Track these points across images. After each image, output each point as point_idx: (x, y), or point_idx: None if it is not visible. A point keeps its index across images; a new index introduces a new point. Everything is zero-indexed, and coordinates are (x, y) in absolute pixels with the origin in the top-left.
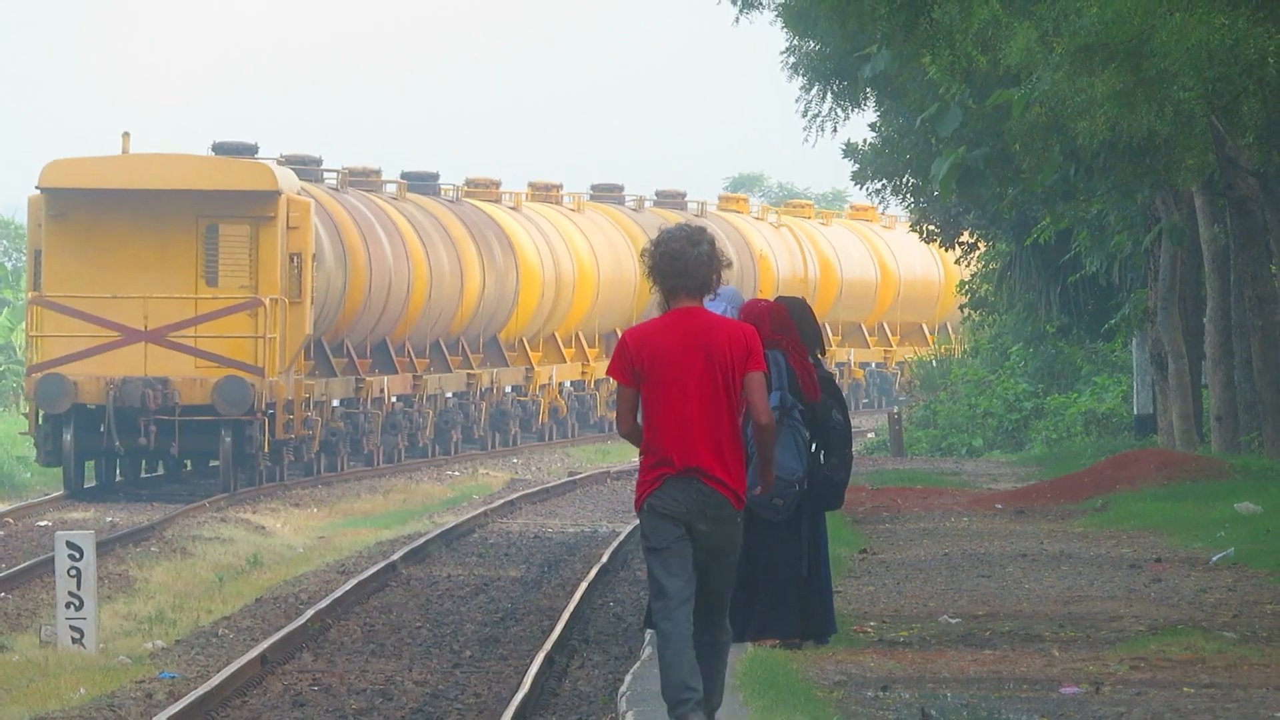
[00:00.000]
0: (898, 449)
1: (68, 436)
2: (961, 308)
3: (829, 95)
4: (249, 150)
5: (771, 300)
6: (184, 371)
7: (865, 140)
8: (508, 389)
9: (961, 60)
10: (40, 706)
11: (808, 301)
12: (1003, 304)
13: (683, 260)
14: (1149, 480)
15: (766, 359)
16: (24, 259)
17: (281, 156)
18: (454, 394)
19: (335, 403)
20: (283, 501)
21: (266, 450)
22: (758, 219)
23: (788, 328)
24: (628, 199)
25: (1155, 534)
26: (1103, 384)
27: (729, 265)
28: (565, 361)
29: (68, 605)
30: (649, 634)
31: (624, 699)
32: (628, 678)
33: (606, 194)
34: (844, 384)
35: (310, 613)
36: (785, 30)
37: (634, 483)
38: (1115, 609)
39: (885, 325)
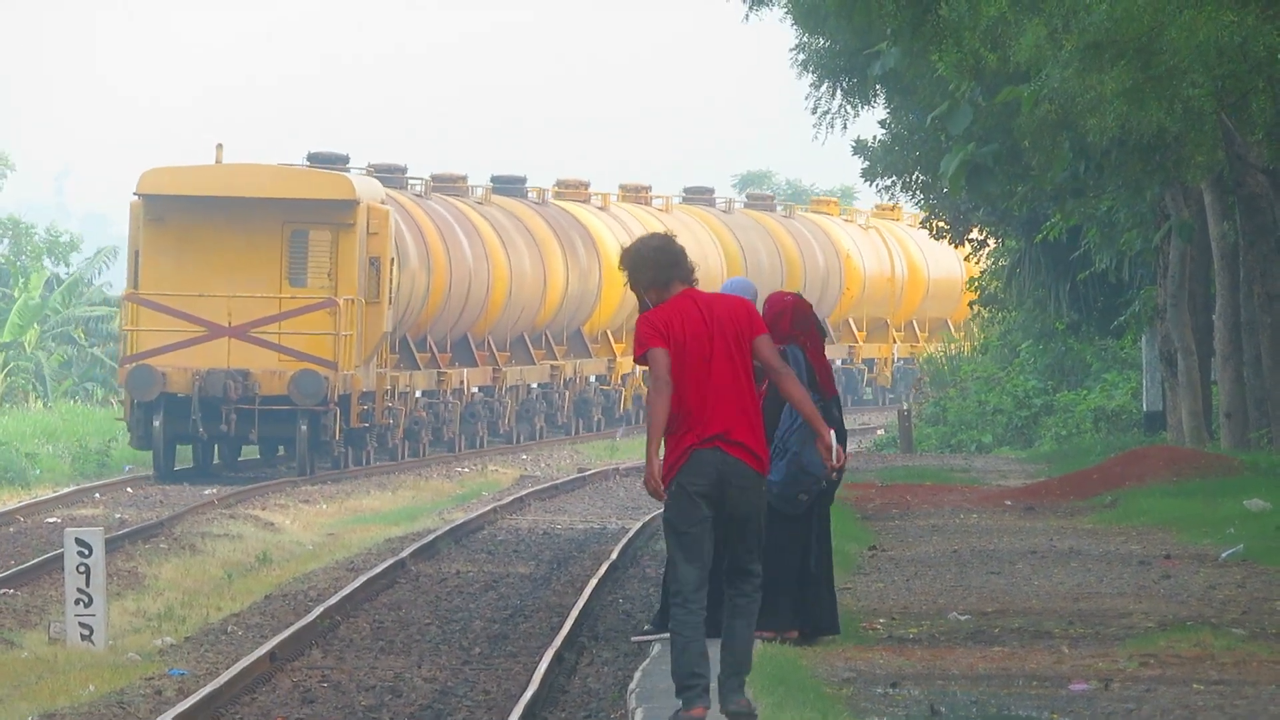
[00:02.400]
0: (907, 446)
1: (156, 423)
2: (971, 304)
3: (838, 92)
4: (340, 160)
5: (795, 295)
6: (264, 365)
7: (875, 137)
8: (591, 379)
9: (970, 57)
10: (49, 703)
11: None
12: (1012, 300)
13: (669, 252)
14: (1158, 477)
15: (785, 355)
16: (26, 260)
17: (370, 166)
18: (538, 384)
19: (418, 393)
20: (292, 498)
21: (339, 438)
22: (846, 220)
23: (808, 323)
24: (718, 201)
25: (1164, 530)
26: (1112, 381)
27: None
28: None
29: (77, 602)
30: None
31: (633, 696)
32: (637, 675)
33: (697, 196)
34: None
35: (319, 609)
36: (795, 27)
37: (641, 480)
38: (1125, 605)
39: (949, 323)
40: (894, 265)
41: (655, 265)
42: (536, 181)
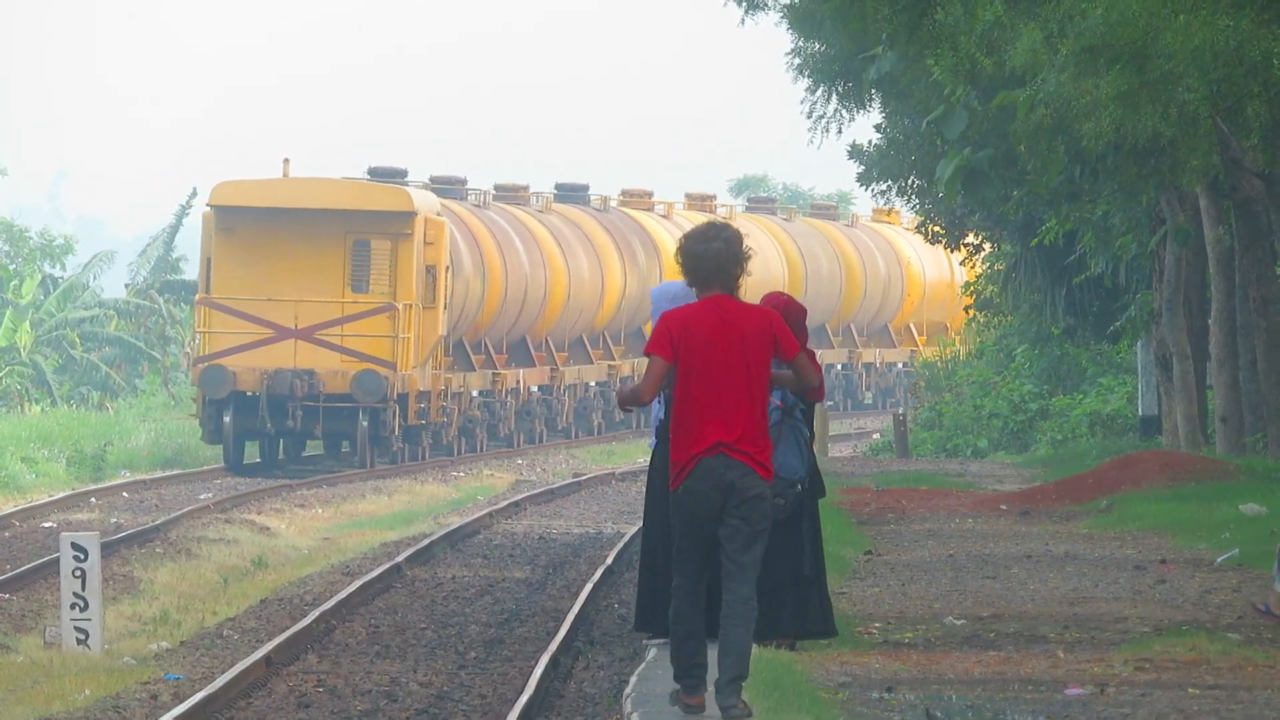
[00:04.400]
0: (903, 450)
1: (227, 419)
2: (967, 309)
3: (834, 97)
4: (399, 174)
5: (789, 296)
6: (328, 365)
7: (870, 142)
8: None
9: (966, 62)
10: (45, 708)
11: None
12: (1008, 305)
13: (716, 256)
14: (1154, 481)
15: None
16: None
17: (431, 178)
18: (596, 383)
19: (475, 393)
20: (287, 502)
21: (398, 433)
22: (908, 229)
23: (802, 325)
24: (779, 210)
25: (1160, 535)
26: (1108, 385)
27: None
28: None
29: (72, 606)
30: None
31: (629, 700)
32: (633, 679)
33: (760, 205)
34: None
35: (315, 614)
36: (790, 32)
37: (638, 484)
38: (1120, 610)
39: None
40: (953, 272)
41: (696, 266)
42: (601, 190)
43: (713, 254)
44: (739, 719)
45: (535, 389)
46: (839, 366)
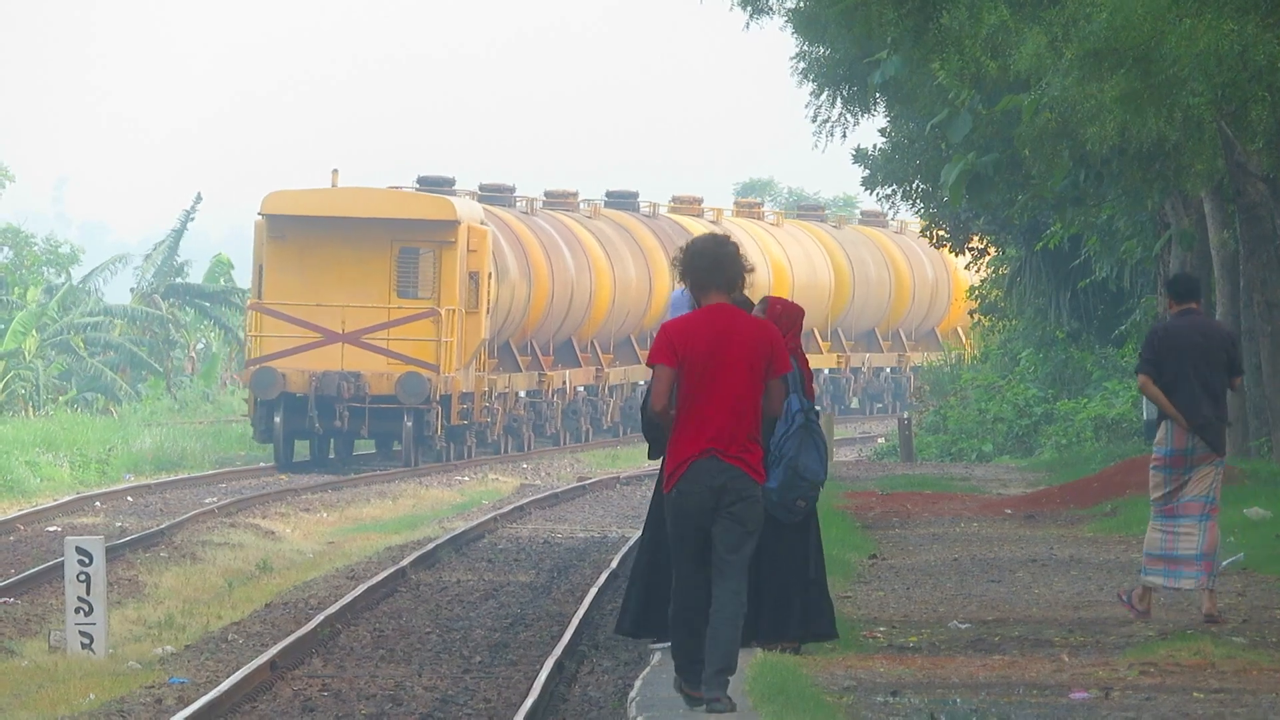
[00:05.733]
0: (907, 454)
1: (277, 419)
2: (971, 313)
3: (839, 101)
4: (447, 182)
5: (788, 301)
6: (374, 367)
7: (875, 146)
8: None
9: (971, 66)
10: (50, 712)
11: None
12: (1012, 309)
13: (710, 257)
14: None
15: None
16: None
17: (480, 186)
18: (644, 382)
19: (521, 393)
20: (292, 506)
21: (440, 433)
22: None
23: (798, 330)
24: (828, 217)
25: None
26: (1113, 389)
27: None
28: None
29: (77, 610)
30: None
31: (634, 704)
32: (637, 683)
33: (810, 212)
34: None
35: (320, 618)
36: (795, 36)
37: (643, 488)
38: (1125, 614)
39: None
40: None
41: (694, 269)
42: (650, 196)
43: (727, 258)
44: (720, 712)
45: (581, 389)
46: (887, 370)
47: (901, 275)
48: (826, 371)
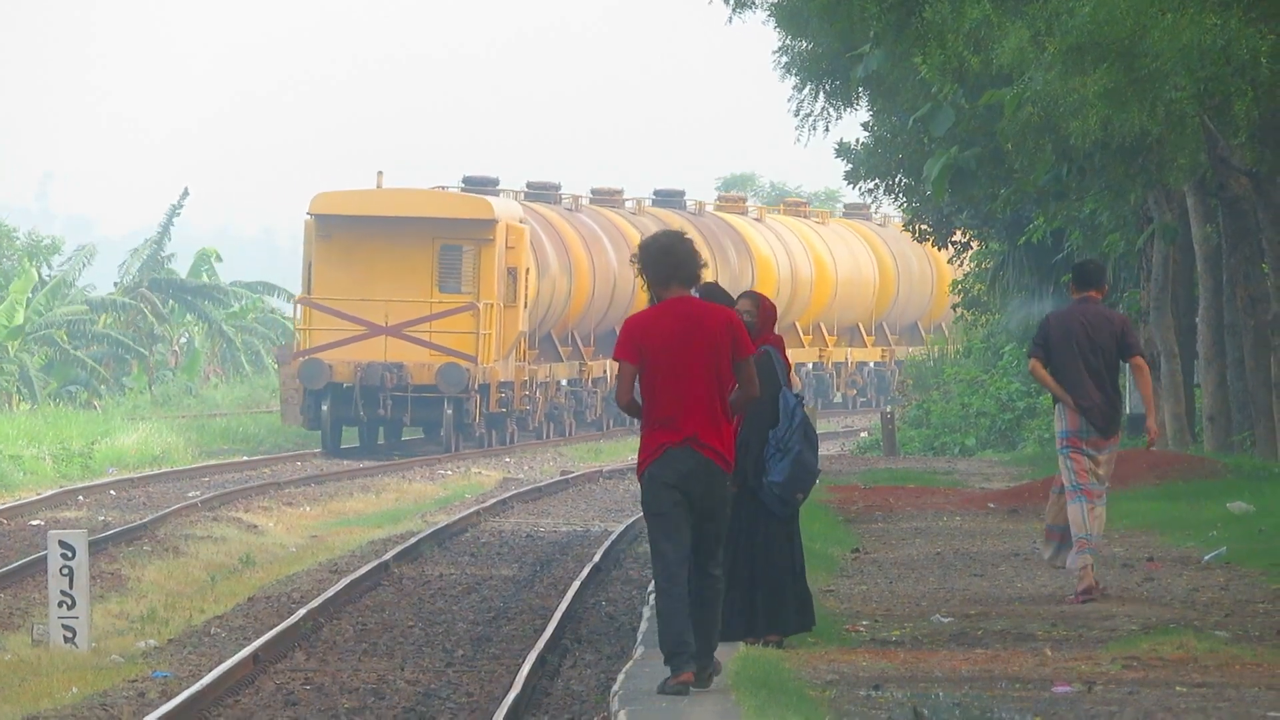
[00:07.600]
0: (890, 448)
1: (325, 407)
2: (954, 307)
3: (821, 95)
4: (491, 182)
5: (762, 295)
6: (416, 358)
7: (858, 140)
8: None
9: (953, 60)
10: (32, 706)
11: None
12: (995, 303)
13: (672, 253)
14: (1141, 480)
15: (769, 354)
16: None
17: (527, 184)
18: None
19: (563, 382)
20: (275, 500)
21: (479, 420)
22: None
23: (769, 322)
24: (874, 216)
25: (1148, 533)
26: None
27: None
28: (803, 346)
29: (60, 604)
30: (640, 632)
31: (616, 698)
32: (620, 677)
33: (854, 211)
34: None
35: (303, 612)
36: (778, 30)
37: (625, 482)
38: (1108, 608)
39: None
40: None
41: (656, 265)
42: (696, 195)
43: (687, 253)
44: (675, 693)
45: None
46: (871, 364)
47: (943, 271)
48: (810, 366)
